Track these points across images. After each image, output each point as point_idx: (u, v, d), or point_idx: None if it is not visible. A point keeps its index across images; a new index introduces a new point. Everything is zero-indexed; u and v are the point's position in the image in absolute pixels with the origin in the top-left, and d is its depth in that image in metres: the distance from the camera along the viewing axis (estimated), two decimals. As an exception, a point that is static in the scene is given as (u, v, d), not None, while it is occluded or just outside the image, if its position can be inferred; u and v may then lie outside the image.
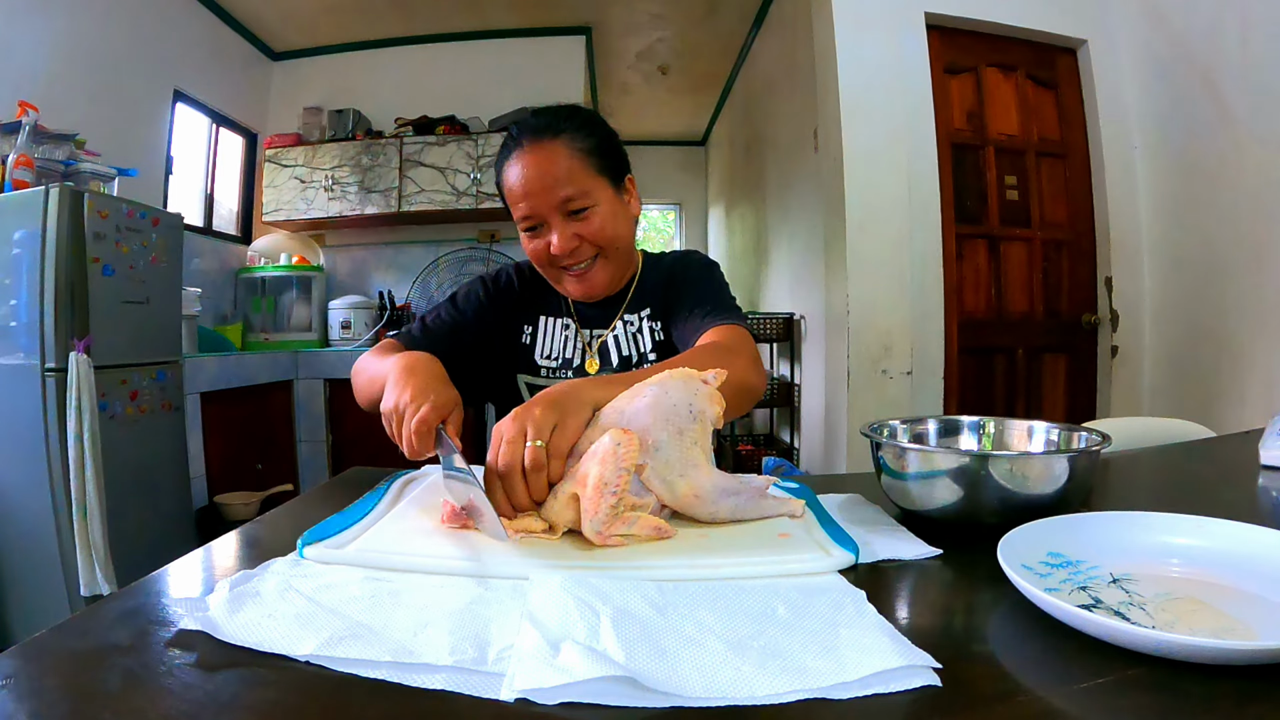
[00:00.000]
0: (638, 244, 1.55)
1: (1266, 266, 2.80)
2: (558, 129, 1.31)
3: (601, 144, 1.36)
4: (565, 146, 1.30)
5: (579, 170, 1.30)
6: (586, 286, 1.38)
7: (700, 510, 0.87)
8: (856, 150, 3.44)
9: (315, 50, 5.70)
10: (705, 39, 6.21)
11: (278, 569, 0.73)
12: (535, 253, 1.36)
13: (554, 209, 1.29)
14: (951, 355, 3.56)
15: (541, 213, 1.30)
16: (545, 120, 1.33)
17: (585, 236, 1.32)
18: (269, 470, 4.48)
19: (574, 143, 1.31)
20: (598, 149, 1.34)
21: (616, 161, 1.39)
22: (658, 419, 0.85)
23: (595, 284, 1.38)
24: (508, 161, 1.33)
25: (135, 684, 0.52)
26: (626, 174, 1.43)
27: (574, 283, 1.38)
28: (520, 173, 1.30)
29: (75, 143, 3.25)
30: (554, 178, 1.28)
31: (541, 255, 1.35)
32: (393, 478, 1.11)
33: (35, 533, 2.73)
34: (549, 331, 1.49)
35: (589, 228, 1.32)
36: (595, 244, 1.34)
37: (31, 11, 3.55)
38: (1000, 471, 0.82)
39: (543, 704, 0.49)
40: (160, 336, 3.26)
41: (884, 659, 0.52)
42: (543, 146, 1.30)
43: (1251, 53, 2.82)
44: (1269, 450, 1.23)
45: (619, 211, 1.38)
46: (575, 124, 1.34)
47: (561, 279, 1.39)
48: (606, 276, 1.39)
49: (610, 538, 0.80)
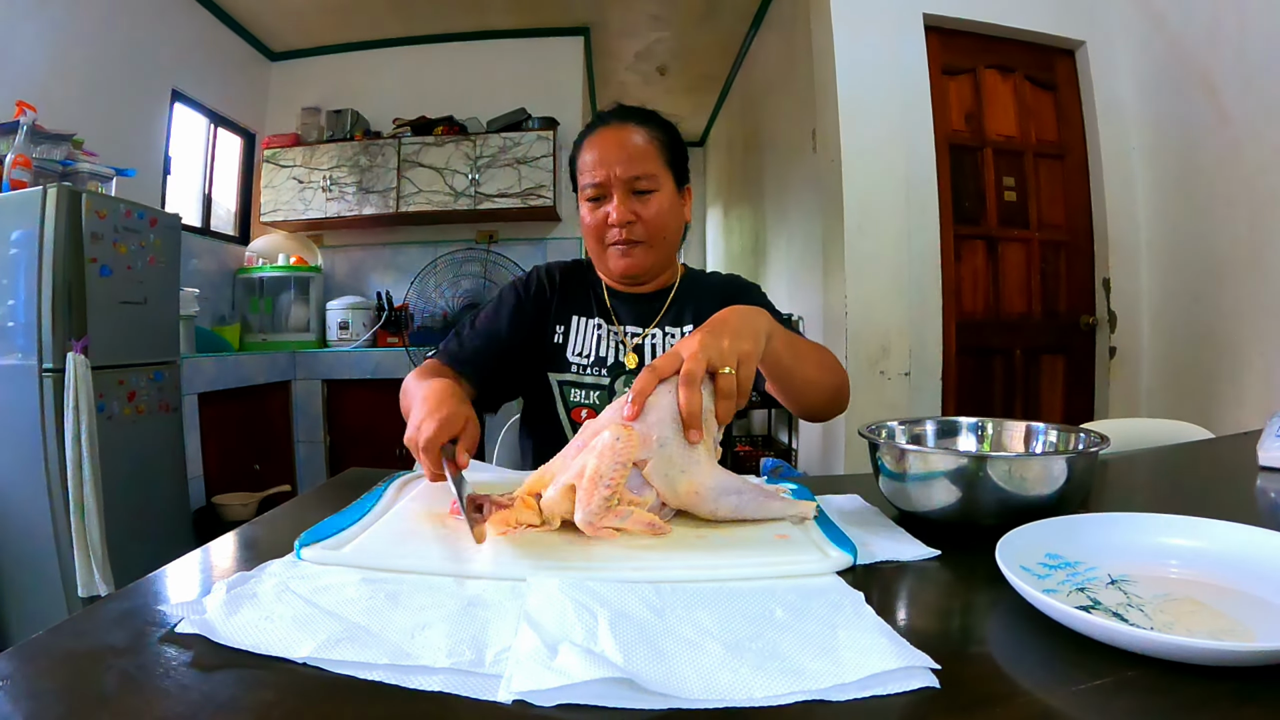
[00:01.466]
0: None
1: (1264, 267, 2.80)
2: (643, 118, 1.46)
3: (675, 145, 1.49)
4: (645, 132, 1.44)
5: (653, 155, 1.43)
6: (627, 263, 1.46)
7: (701, 507, 0.87)
8: (855, 151, 3.45)
9: (313, 50, 5.70)
10: (704, 40, 6.21)
11: (274, 570, 0.73)
12: (593, 223, 1.45)
13: (622, 182, 1.41)
14: (949, 356, 3.57)
15: (610, 183, 1.41)
16: (631, 110, 1.48)
17: (642, 216, 1.43)
18: (267, 471, 4.48)
19: (654, 133, 1.45)
20: (671, 146, 1.48)
21: (683, 167, 1.52)
22: (664, 416, 0.86)
23: (636, 264, 1.46)
24: (590, 136, 1.46)
25: (132, 686, 0.52)
26: (687, 183, 1.55)
27: (618, 257, 1.46)
28: (600, 146, 1.42)
29: (73, 143, 3.24)
30: (630, 154, 1.41)
31: (599, 224, 1.44)
32: (390, 479, 1.11)
33: (33, 533, 2.72)
34: (582, 331, 1.53)
35: (648, 209, 1.43)
36: (648, 227, 1.44)
37: (29, 11, 3.55)
38: (998, 473, 0.82)
39: (540, 706, 0.49)
40: (158, 337, 3.25)
41: (882, 660, 0.52)
42: (628, 128, 1.44)
43: (1249, 54, 2.82)
44: (1267, 451, 1.23)
45: (675, 207, 1.49)
46: (658, 121, 1.48)
47: (606, 254, 1.47)
48: (649, 261, 1.47)
49: (601, 529, 0.80)
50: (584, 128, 1.50)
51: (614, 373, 1.47)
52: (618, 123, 1.45)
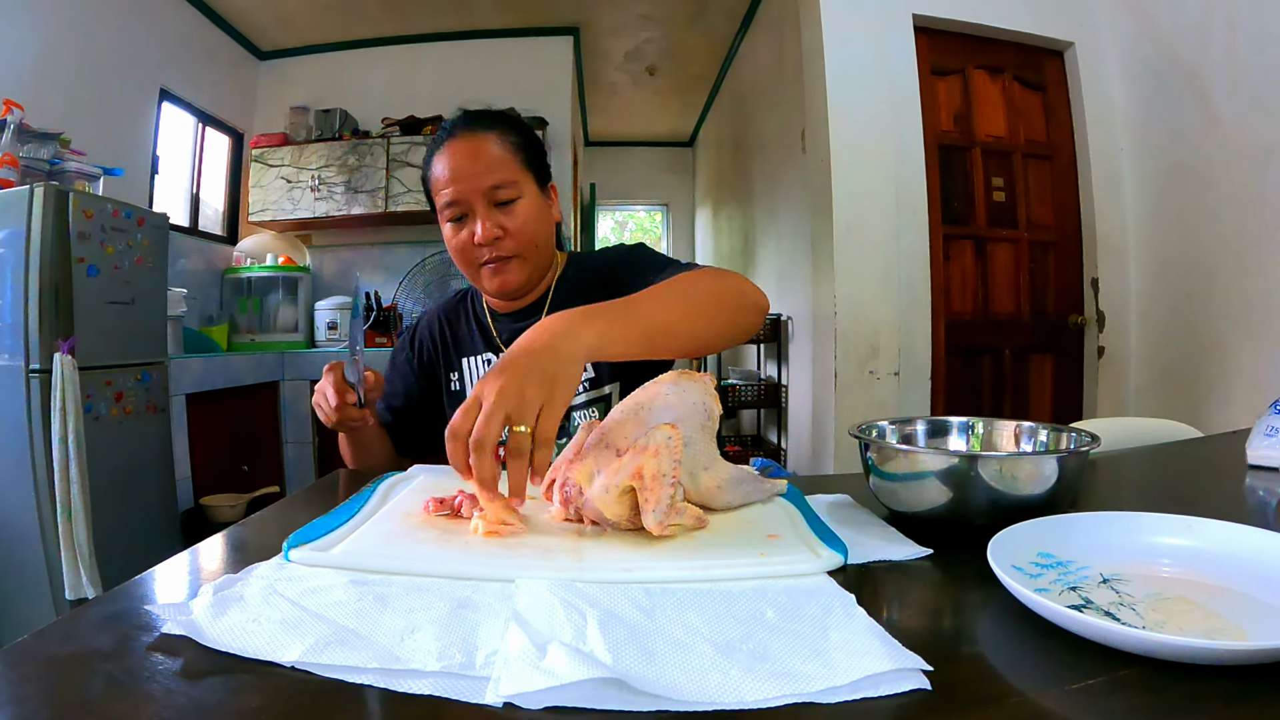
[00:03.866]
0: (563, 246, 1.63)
1: (1252, 267, 2.82)
2: (490, 123, 1.37)
3: (530, 144, 1.41)
4: (497, 138, 1.35)
5: (509, 161, 1.34)
6: (502, 281, 1.39)
7: (719, 500, 0.91)
8: (844, 151, 3.45)
9: (302, 50, 5.68)
10: (693, 40, 6.22)
11: (262, 573, 0.72)
12: (459, 244, 1.37)
13: (481, 195, 1.32)
14: (939, 356, 3.58)
15: (469, 199, 1.33)
16: (478, 115, 1.39)
17: (509, 229, 1.35)
18: (255, 472, 4.46)
19: (505, 136, 1.36)
20: (526, 147, 1.39)
21: (542, 165, 1.44)
22: (685, 416, 0.88)
23: (510, 281, 1.39)
24: (438, 152, 1.36)
25: (117, 690, 0.52)
26: (550, 180, 1.47)
27: (490, 276, 1.39)
28: (451, 159, 1.33)
29: (60, 141, 3.22)
30: (485, 164, 1.32)
31: (465, 245, 1.36)
32: (379, 480, 1.10)
33: (19, 535, 2.70)
34: (475, 371, 1.51)
35: (514, 220, 1.35)
36: (517, 240, 1.36)
37: (16, 9, 3.52)
38: (989, 472, 0.82)
39: (529, 709, 0.48)
40: (145, 337, 3.24)
41: (874, 662, 0.52)
42: (476, 136, 1.34)
43: (1237, 55, 2.84)
44: (1256, 450, 1.24)
45: (542, 211, 1.41)
46: (507, 122, 1.39)
47: (479, 275, 1.40)
48: (523, 275, 1.40)
49: (668, 527, 0.80)
50: (430, 143, 1.41)
51: None
52: (465, 131, 1.35)
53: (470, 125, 1.36)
